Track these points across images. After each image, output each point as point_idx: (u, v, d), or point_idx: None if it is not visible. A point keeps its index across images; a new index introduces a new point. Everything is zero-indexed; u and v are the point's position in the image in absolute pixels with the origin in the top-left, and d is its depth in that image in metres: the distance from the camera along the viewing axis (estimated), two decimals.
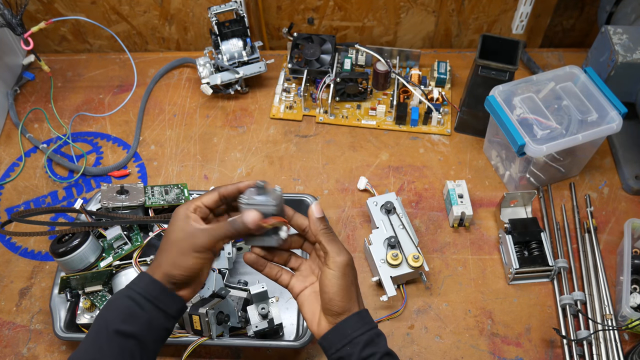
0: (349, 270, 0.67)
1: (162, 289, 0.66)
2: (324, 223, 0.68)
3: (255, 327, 0.87)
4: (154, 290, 0.65)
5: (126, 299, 0.65)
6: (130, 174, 1.12)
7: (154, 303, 0.65)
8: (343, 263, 0.66)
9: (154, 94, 1.22)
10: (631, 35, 1.02)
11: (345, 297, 0.66)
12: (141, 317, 0.64)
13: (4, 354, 0.92)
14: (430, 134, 1.16)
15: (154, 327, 0.65)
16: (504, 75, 1.03)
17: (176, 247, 0.66)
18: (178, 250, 0.65)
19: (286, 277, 0.73)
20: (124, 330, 0.63)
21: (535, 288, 0.97)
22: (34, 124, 1.18)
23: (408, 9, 1.27)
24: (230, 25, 1.15)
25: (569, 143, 0.94)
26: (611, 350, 0.89)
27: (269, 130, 1.17)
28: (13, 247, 1.03)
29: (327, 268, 0.67)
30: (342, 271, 0.66)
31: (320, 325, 0.68)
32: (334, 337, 0.67)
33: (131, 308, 0.64)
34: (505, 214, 1.03)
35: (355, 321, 0.67)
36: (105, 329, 0.64)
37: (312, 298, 0.70)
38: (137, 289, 0.66)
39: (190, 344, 0.85)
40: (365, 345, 0.65)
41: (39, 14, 1.27)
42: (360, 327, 0.66)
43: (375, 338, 0.67)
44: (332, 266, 0.66)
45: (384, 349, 0.67)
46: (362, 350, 0.65)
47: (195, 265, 0.66)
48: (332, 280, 0.66)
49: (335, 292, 0.66)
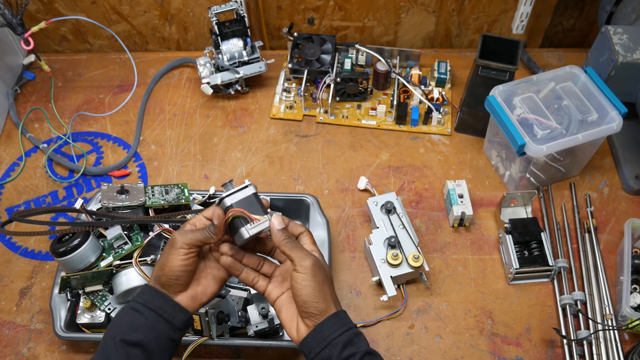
0: (317, 271, 0.68)
1: (159, 294, 0.71)
2: (285, 233, 0.70)
3: (255, 327, 0.87)
4: (151, 298, 0.71)
5: (129, 310, 0.70)
6: (131, 173, 1.12)
7: (154, 310, 0.70)
8: (309, 265, 0.68)
9: (154, 94, 1.23)
10: (631, 35, 1.02)
11: (319, 297, 0.68)
12: (143, 325, 0.69)
13: (4, 353, 0.92)
14: (430, 134, 1.16)
15: (158, 334, 0.69)
16: (504, 75, 1.03)
17: (164, 255, 0.72)
18: (164, 256, 0.72)
19: (262, 284, 0.75)
20: (129, 340, 0.67)
21: (535, 288, 0.97)
22: (34, 124, 1.19)
23: (408, 9, 1.27)
24: (231, 25, 1.15)
25: (569, 143, 0.94)
26: (611, 350, 0.89)
27: (269, 130, 1.17)
28: (13, 247, 1.03)
29: (295, 272, 0.68)
30: (310, 273, 0.68)
31: (299, 330, 0.70)
32: (312, 340, 0.68)
33: (134, 317, 0.69)
34: (505, 214, 1.03)
35: (332, 322, 0.68)
36: (112, 339, 0.68)
37: (289, 303, 0.72)
38: (137, 299, 0.71)
39: (190, 344, 0.85)
40: (344, 345, 0.66)
41: (39, 13, 1.27)
42: (338, 327, 0.67)
43: (354, 338, 0.67)
44: (300, 269, 0.68)
45: (364, 348, 0.67)
46: (342, 351, 0.66)
47: (174, 263, 0.70)
48: (303, 282, 0.68)
49: (308, 293, 0.67)
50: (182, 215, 0.93)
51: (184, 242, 0.70)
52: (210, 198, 1.00)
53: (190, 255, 0.71)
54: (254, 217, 0.70)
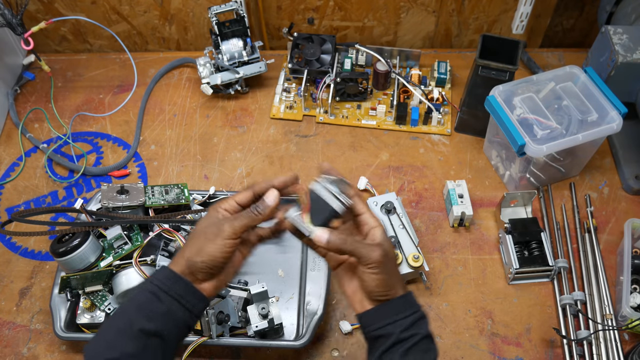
0: (383, 262, 0.66)
1: (183, 282, 0.66)
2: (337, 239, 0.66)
3: (255, 327, 0.87)
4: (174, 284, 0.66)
5: (149, 295, 0.66)
6: (131, 173, 1.12)
7: (176, 299, 0.66)
8: (375, 259, 0.65)
9: (154, 94, 1.23)
10: (631, 35, 1.02)
11: (386, 287, 0.66)
12: (164, 314, 0.65)
13: (4, 353, 0.92)
14: (430, 134, 1.16)
15: (177, 323, 0.66)
16: (504, 75, 1.03)
17: (203, 235, 0.67)
18: (205, 237, 0.67)
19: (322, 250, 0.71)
20: (148, 329, 0.64)
21: (535, 288, 0.97)
22: (34, 124, 1.19)
23: (408, 9, 1.27)
24: (231, 25, 1.15)
25: (569, 143, 0.94)
26: (611, 350, 0.89)
27: (269, 130, 1.17)
28: (13, 247, 1.03)
29: (361, 266, 0.66)
30: (376, 267, 0.66)
31: (362, 303, 0.68)
32: (375, 316, 0.67)
33: (153, 303, 0.65)
34: (505, 214, 1.03)
35: (400, 304, 0.67)
36: (129, 327, 0.64)
37: (351, 275, 0.70)
38: (158, 283, 0.66)
39: (190, 344, 0.85)
40: (407, 327, 0.66)
41: (39, 13, 1.27)
42: (404, 310, 0.66)
43: (418, 320, 0.67)
44: (366, 264, 0.66)
45: (425, 331, 0.67)
46: (403, 331, 0.65)
47: (218, 252, 0.66)
48: (369, 277, 0.66)
49: (376, 285, 0.66)
50: (182, 215, 0.93)
51: (233, 231, 0.66)
52: (210, 198, 1.00)
53: (235, 243, 0.67)
54: (304, 225, 0.67)
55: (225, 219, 0.68)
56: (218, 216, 0.68)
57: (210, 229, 0.67)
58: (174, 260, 0.69)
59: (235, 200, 0.70)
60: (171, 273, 0.67)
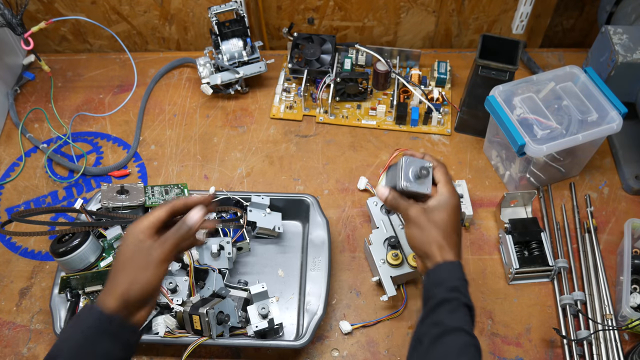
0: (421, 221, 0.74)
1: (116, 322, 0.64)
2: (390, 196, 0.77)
3: (255, 327, 0.87)
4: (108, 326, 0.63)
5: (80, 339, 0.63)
6: (131, 173, 1.12)
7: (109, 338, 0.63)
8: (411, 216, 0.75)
9: (154, 94, 1.23)
10: (631, 35, 1.02)
11: (425, 245, 0.73)
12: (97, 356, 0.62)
13: (4, 353, 0.92)
14: (430, 134, 1.16)
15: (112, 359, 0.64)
16: (504, 75, 1.03)
17: (131, 264, 0.64)
18: (135, 266, 0.64)
19: None
20: None
21: (535, 288, 0.97)
22: (34, 124, 1.19)
23: (408, 9, 1.27)
24: (231, 25, 1.15)
25: (569, 143, 0.94)
26: (611, 350, 0.89)
27: (269, 130, 1.17)
28: (13, 247, 1.03)
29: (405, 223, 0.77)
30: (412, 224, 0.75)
31: (418, 265, 0.79)
32: (426, 282, 0.74)
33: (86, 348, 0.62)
34: (505, 214, 1.03)
35: (448, 269, 0.73)
36: None
37: None
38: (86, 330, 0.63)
39: (190, 344, 0.85)
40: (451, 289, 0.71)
41: (39, 13, 1.27)
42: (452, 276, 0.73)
43: (461, 287, 0.72)
44: (405, 221, 0.76)
45: (467, 300, 0.71)
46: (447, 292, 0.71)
47: (154, 279, 0.64)
48: (408, 233, 0.76)
49: (413, 244, 0.76)
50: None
51: (165, 255, 0.64)
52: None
53: (168, 266, 0.65)
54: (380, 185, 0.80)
55: (151, 243, 0.65)
56: (140, 240, 0.65)
57: (137, 257, 0.64)
58: (104, 296, 0.64)
59: (151, 219, 0.67)
60: (102, 316, 0.63)
